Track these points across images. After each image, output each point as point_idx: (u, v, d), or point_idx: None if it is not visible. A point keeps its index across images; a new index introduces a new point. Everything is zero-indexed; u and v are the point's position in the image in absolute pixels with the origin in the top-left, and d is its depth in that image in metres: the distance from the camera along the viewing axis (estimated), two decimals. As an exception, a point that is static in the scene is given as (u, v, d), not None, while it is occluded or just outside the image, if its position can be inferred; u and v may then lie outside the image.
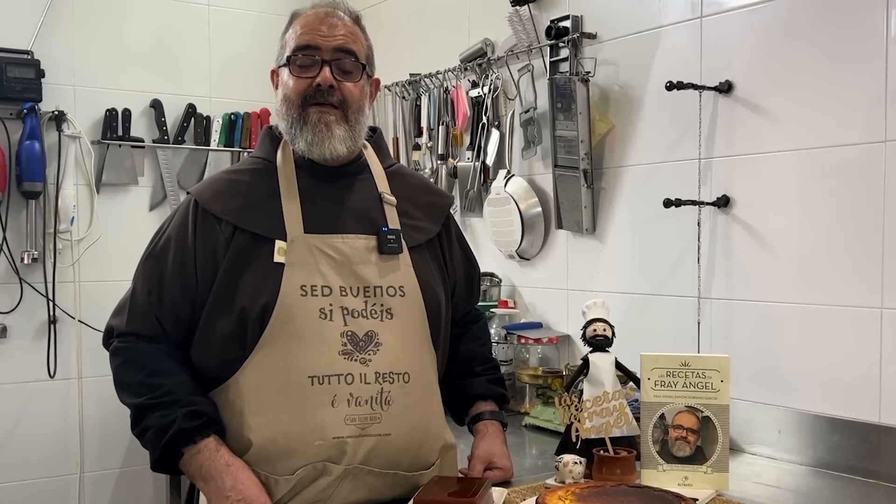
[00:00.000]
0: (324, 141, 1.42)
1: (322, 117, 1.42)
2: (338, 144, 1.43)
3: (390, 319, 1.42)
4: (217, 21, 3.06)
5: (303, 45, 1.43)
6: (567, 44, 2.23)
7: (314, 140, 1.43)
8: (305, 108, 1.42)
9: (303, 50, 1.43)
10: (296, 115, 1.43)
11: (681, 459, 1.52)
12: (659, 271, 2.08)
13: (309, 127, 1.42)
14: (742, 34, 1.88)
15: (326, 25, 1.43)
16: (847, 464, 1.68)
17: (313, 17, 1.45)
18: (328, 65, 1.42)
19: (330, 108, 1.42)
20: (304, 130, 1.43)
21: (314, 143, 1.43)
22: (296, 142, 1.45)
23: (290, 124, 1.44)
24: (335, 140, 1.43)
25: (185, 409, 1.34)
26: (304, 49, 1.43)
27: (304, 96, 1.42)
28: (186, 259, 1.41)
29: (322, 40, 1.42)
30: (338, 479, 1.36)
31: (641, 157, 2.12)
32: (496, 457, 1.54)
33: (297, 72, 1.43)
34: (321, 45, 1.42)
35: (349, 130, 1.44)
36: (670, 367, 1.54)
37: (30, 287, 2.74)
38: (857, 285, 1.69)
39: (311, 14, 1.46)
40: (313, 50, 1.42)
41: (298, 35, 1.44)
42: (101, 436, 2.86)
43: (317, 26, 1.43)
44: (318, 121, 1.42)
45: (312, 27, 1.43)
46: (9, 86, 2.61)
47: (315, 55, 1.42)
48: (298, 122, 1.43)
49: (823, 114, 1.74)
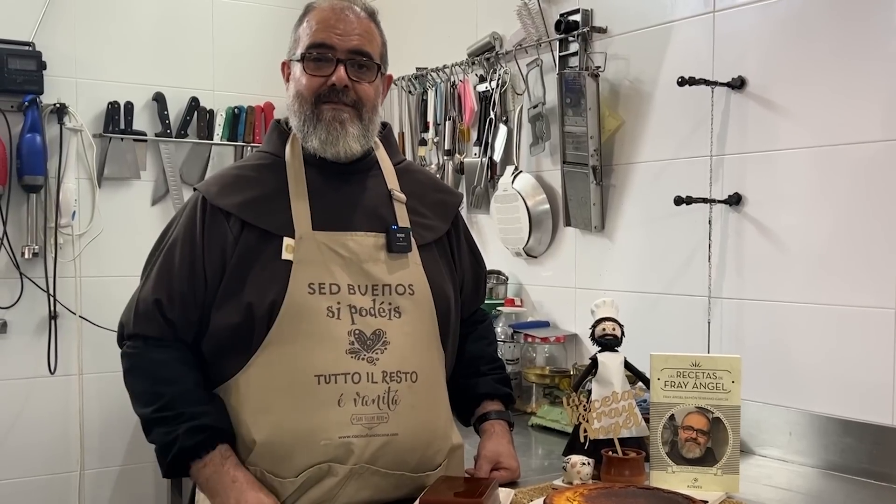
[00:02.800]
0: (338, 139, 1.42)
1: (336, 115, 1.41)
2: (352, 142, 1.43)
3: (398, 318, 1.41)
4: (221, 13, 3.06)
5: (318, 43, 1.41)
6: (577, 38, 2.22)
7: (328, 138, 1.42)
8: (319, 106, 1.42)
9: (318, 48, 1.41)
10: (308, 113, 1.42)
11: (691, 461, 1.51)
12: (669, 270, 2.07)
13: (323, 125, 1.41)
14: (756, 29, 1.87)
15: (343, 22, 1.42)
16: (859, 467, 1.67)
17: (329, 13, 1.42)
18: (343, 64, 1.41)
19: (344, 106, 1.42)
20: (317, 128, 1.42)
21: (328, 142, 1.42)
22: (308, 139, 1.43)
23: (302, 121, 1.43)
24: (349, 138, 1.42)
25: (187, 425, 1.34)
26: (319, 47, 1.41)
27: (318, 94, 1.41)
28: (195, 257, 1.40)
29: (338, 40, 1.41)
30: (344, 480, 1.35)
31: (652, 154, 2.11)
32: (503, 457, 1.53)
33: (312, 69, 1.42)
34: (337, 45, 1.41)
35: (363, 129, 1.44)
36: (680, 367, 1.54)
37: (30, 282, 2.74)
38: (871, 285, 1.67)
39: (326, 8, 1.43)
40: (328, 49, 1.41)
41: (314, 31, 1.42)
42: (101, 433, 2.86)
43: (333, 23, 1.41)
44: (332, 119, 1.41)
45: (328, 24, 1.41)
46: (10, 78, 2.61)
47: (330, 54, 1.41)
48: (312, 119, 1.42)
49: (838, 110, 1.72)
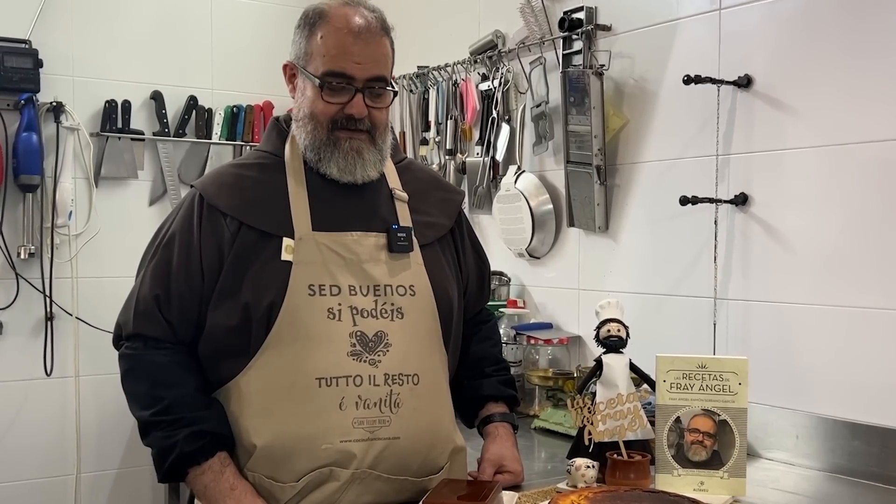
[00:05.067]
0: (356, 168, 1.43)
1: (353, 143, 1.42)
2: (370, 170, 1.44)
3: (400, 319, 1.40)
4: (220, 11, 3.05)
5: (336, 73, 1.39)
6: (581, 36, 2.21)
7: (346, 167, 1.43)
8: (334, 133, 1.42)
9: (336, 77, 1.39)
10: (324, 138, 1.42)
11: (697, 464, 1.51)
12: (674, 271, 2.06)
13: (340, 154, 1.42)
14: (762, 27, 1.86)
15: (360, 45, 1.38)
16: (867, 470, 1.66)
17: (346, 35, 1.38)
18: (361, 93, 1.40)
19: (360, 132, 1.42)
20: (335, 155, 1.42)
21: (346, 170, 1.43)
22: (325, 165, 1.43)
23: (316, 145, 1.43)
24: (368, 165, 1.44)
25: (187, 430, 1.33)
26: (337, 76, 1.39)
27: (334, 120, 1.41)
28: (192, 256, 1.39)
29: (357, 69, 1.39)
30: (345, 484, 1.34)
31: (657, 154, 2.10)
32: (507, 460, 1.53)
33: (329, 97, 1.40)
34: (356, 75, 1.39)
35: (378, 154, 1.45)
36: (687, 369, 1.54)
37: (26, 283, 2.72)
38: (880, 287, 1.66)
39: (342, 27, 1.39)
40: (347, 79, 1.39)
41: (331, 56, 1.38)
42: (98, 436, 2.85)
43: (349, 48, 1.38)
44: (349, 148, 1.42)
45: (345, 48, 1.38)
46: (6, 76, 2.60)
47: (347, 84, 1.39)
48: (328, 145, 1.42)
49: (846, 109, 1.71)
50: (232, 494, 1.31)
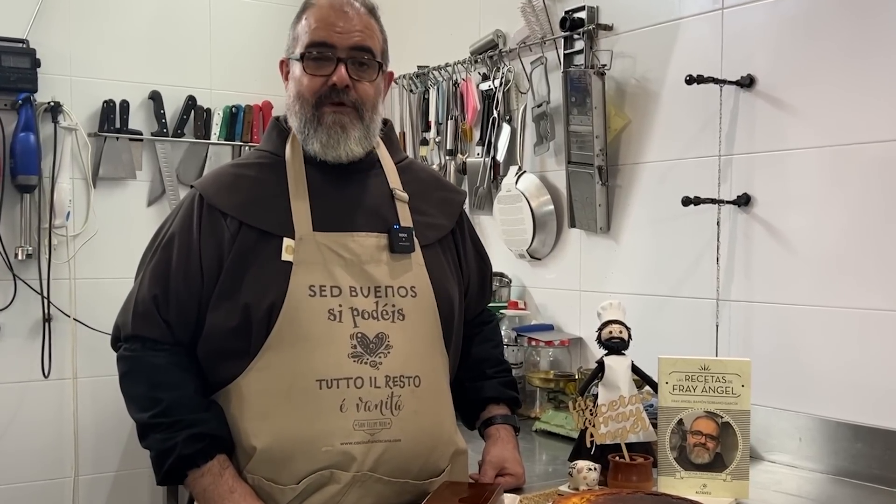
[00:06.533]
0: (339, 143, 1.41)
1: (337, 118, 1.40)
2: (353, 146, 1.42)
3: (402, 320, 1.39)
4: (219, 10, 3.04)
5: (318, 42, 1.39)
6: (582, 35, 2.21)
7: (329, 142, 1.41)
8: (320, 108, 1.40)
9: (318, 47, 1.39)
10: (310, 115, 1.41)
11: (699, 466, 1.51)
12: (676, 272, 2.06)
13: (324, 129, 1.40)
14: (765, 26, 1.85)
15: (342, 19, 1.40)
16: (870, 472, 1.65)
17: (328, 10, 1.41)
18: (344, 63, 1.39)
19: (345, 107, 1.40)
20: (318, 131, 1.41)
21: (329, 146, 1.41)
22: (309, 143, 1.42)
23: (303, 123, 1.42)
24: (351, 141, 1.41)
25: (186, 433, 1.32)
26: (319, 46, 1.39)
27: (319, 95, 1.40)
28: (191, 256, 1.38)
29: (338, 37, 1.39)
30: (346, 487, 1.33)
31: (659, 154, 2.09)
32: (508, 462, 1.53)
33: (312, 69, 1.40)
34: (337, 44, 1.39)
35: (364, 130, 1.43)
36: (689, 370, 1.54)
37: (24, 284, 2.71)
38: (883, 288, 1.66)
39: (325, 5, 1.42)
40: (328, 48, 1.39)
41: (313, 29, 1.40)
42: (96, 438, 2.84)
43: (332, 20, 1.40)
44: (333, 122, 1.40)
45: (327, 21, 1.40)
46: (3, 76, 2.59)
47: (330, 52, 1.39)
48: (312, 122, 1.41)
49: (849, 109, 1.71)
50: (231, 497, 1.30)
